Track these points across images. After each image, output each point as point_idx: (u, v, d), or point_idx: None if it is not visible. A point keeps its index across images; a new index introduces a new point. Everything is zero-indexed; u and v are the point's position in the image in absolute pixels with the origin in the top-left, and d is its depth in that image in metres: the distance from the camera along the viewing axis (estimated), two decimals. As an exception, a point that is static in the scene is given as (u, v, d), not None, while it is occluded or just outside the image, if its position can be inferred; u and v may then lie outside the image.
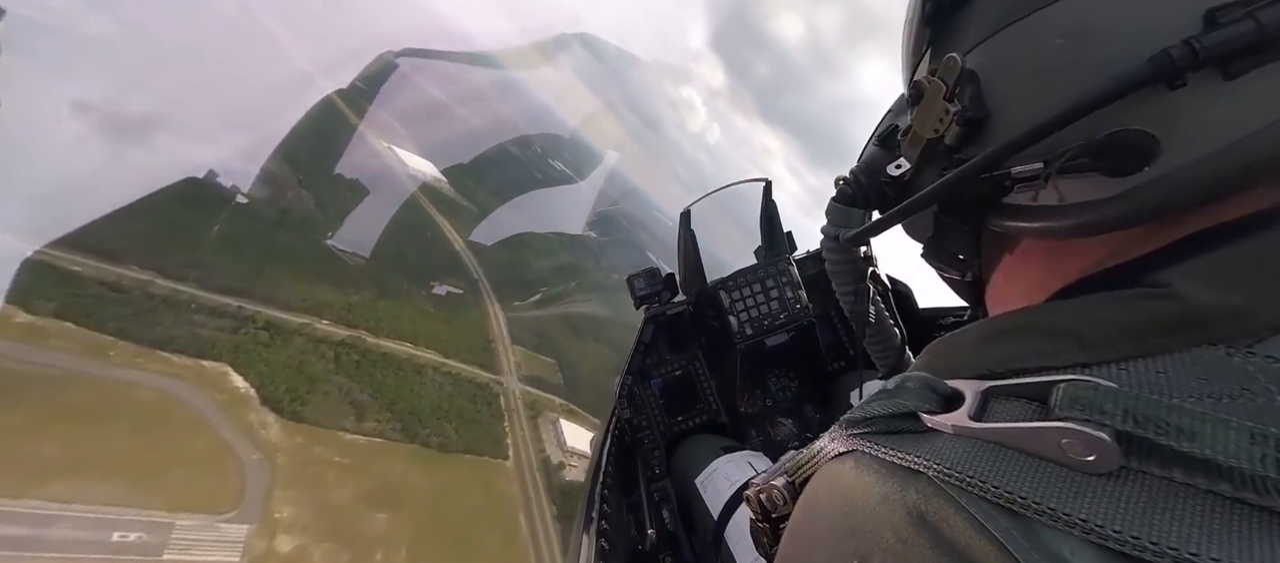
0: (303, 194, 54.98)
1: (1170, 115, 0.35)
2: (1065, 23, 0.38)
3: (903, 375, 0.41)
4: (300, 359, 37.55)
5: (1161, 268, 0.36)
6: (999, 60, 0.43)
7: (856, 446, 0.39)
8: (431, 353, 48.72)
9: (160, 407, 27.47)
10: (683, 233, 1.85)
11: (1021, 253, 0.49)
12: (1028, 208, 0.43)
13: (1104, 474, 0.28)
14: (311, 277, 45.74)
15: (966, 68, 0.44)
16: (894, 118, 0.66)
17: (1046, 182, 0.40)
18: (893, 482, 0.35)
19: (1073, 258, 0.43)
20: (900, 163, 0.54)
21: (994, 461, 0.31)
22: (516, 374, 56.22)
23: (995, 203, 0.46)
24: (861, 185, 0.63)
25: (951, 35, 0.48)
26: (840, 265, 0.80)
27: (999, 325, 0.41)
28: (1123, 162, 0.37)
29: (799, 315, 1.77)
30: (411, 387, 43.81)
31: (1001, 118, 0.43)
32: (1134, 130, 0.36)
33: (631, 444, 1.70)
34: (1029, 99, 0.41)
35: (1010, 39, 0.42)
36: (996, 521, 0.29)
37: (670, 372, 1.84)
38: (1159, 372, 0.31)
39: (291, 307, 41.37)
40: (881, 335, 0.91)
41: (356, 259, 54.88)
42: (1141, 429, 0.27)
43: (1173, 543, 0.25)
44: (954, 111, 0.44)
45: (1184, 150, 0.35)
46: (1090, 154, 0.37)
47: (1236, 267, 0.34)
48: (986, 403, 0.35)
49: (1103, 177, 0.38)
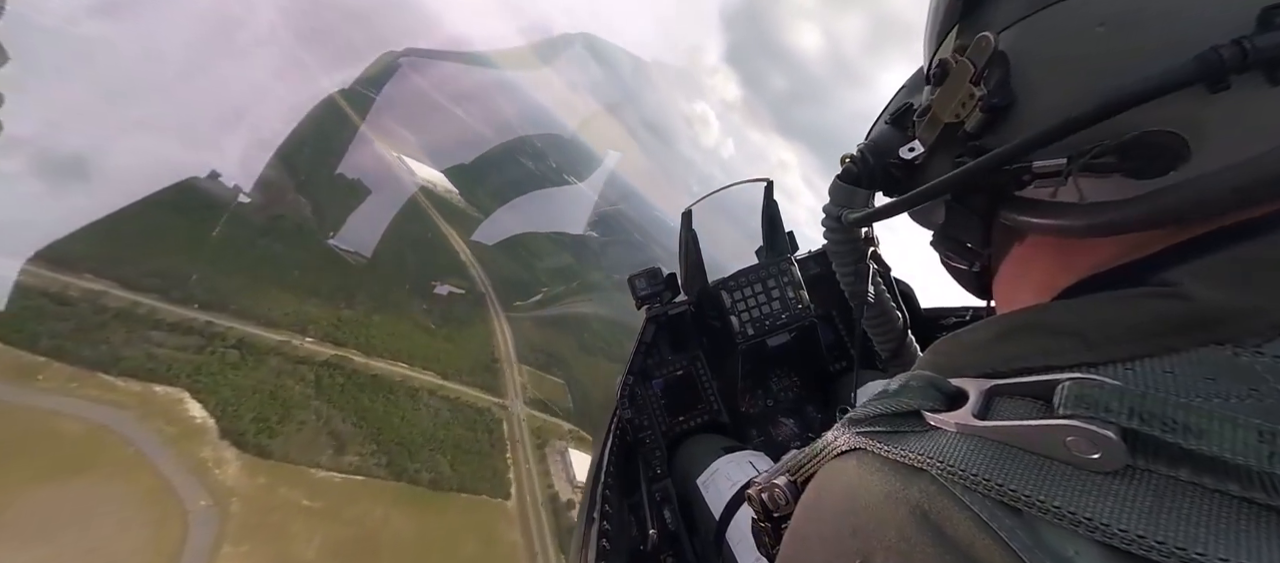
0: (299, 200, 51.43)
1: (1205, 119, 0.34)
2: (1109, 10, 0.36)
3: (906, 375, 0.41)
4: (274, 383, 33.01)
5: (1169, 267, 0.35)
6: (1034, 44, 0.41)
7: (859, 444, 0.39)
8: (428, 374, 44.08)
9: (90, 442, 23.01)
10: (684, 233, 1.82)
11: (1032, 246, 0.48)
12: (1044, 204, 0.42)
13: (1110, 473, 0.28)
14: (301, 289, 41.60)
15: (998, 49, 0.41)
16: (908, 95, 0.63)
17: (1067, 179, 0.38)
18: (896, 480, 0.34)
19: (1083, 254, 0.42)
20: (914, 145, 0.52)
21: (998, 459, 0.31)
22: (522, 397, 51.14)
23: (1010, 195, 0.44)
24: (868, 165, 0.60)
25: (985, 12, 0.45)
26: (841, 246, 0.79)
27: (1003, 325, 0.41)
28: (1150, 164, 0.35)
29: (800, 315, 1.76)
30: (403, 413, 39.06)
31: (1029, 107, 0.41)
32: (1165, 131, 0.34)
33: (633, 444, 1.69)
34: (1061, 89, 0.39)
35: (1049, 22, 0.39)
36: (1000, 519, 0.29)
37: (672, 372, 1.83)
38: (1166, 371, 0.30)
39: (272, 322, 37.03)
40: (882, 317, 0.87)
41: (358, 259, 51.49)
42: (1148, 427, 0.27)
43: (1180, 542, 0.24)
44: (979, 96, 0.42)
45: (1215, 157, 0.34)
46: (1116, 153, 0.36)
47: (1243, 267, 0.33)
48: (991, 401, 0.35)
49: (1125, 178, 0.36)
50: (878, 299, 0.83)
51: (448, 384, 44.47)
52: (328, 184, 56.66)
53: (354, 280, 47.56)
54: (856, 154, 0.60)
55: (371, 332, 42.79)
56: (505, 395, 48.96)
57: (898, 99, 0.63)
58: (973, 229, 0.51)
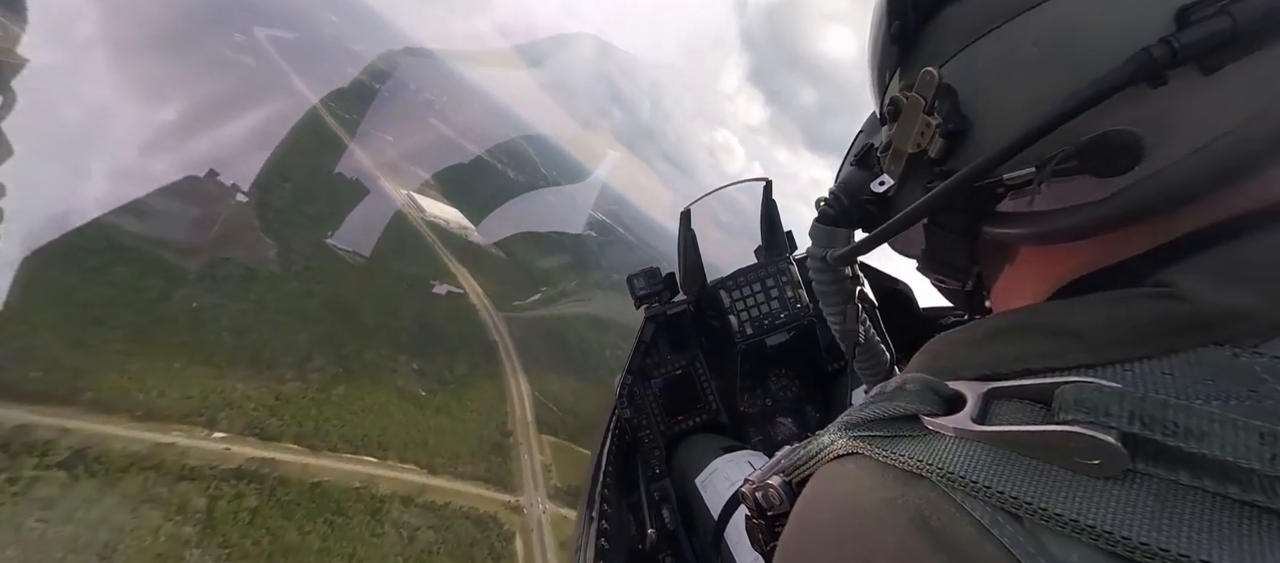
0: (264, 240, 40.13)
1: (1155, 114, 0.35)
2: (1038, 30, 0.38)
3: (902, 377, 0.41)
4: (126, 521, 20.35)
5: (1163, 266, 0.36)
6: (976, 70, 0.43)
7: (857, 448, 0.39)
8: (409, 470, 30.60)
9: None
10: (683, 232, 1.84)
11: (1020, 257, 0.49)
12: (1020, 214, 0.43)
13: (1110, 478, 0.28)
14: (226, 357, 29.36)
15: (943, 82, 0.44)
16: (868, 137, 0.66)
17: (1038, 186, 0.40)
18: (895, 486, 0.34)
19: (1071, 257, 0.43)
20: (883, 179, 0.54)
21: (998, 464, 0.31)
22: (545, 489, 36.55)
23: (987, 211, 0.46)
24: (843, 205, 0.61)
25: (921, 51, 0.48)
26: (828, 286, 0.81)
27: (999, 324, 0.41)
28: (1111, 162, 0.37)
29: (799, 315, 1.79)
30: (357, 544, 25.59)
31: (986, 126, 0.43)
32: (1120, 130, 0.36)
33: (632, 444, 1.73)
34: (1012, 107, 0.41)
35: (985, 49, 0.42)
36: (1002, 526, 0.28)
37: (670, 371, 1.86)
38: (1166, 373, 0.30)
39: (155, 413, 24.73)
40: (870, 356, 0.93)
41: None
42: (1149, 431, 0.27)
43: (1183, 549, 0.24)
44: (936, 124, 0.44)
45: (1170, 149, 0.35)
46: (1078, 157, 0.37)
47: (1238, 266, 0.34)
48: (989, 405, 0.35)
49: (1093, 178, 0.38)
50: (867, 340, 0.87)
51: (435, 481, 30.66)
52: (302, 220, 45.39)
53: (319, 334, 35.08)
54: (830, 196, 0.62)
55: (325, 413, 29.98)
56: (519, 489, 34.73)
57: (858, 141, 0.66)
58: (955, 250, 0.53)
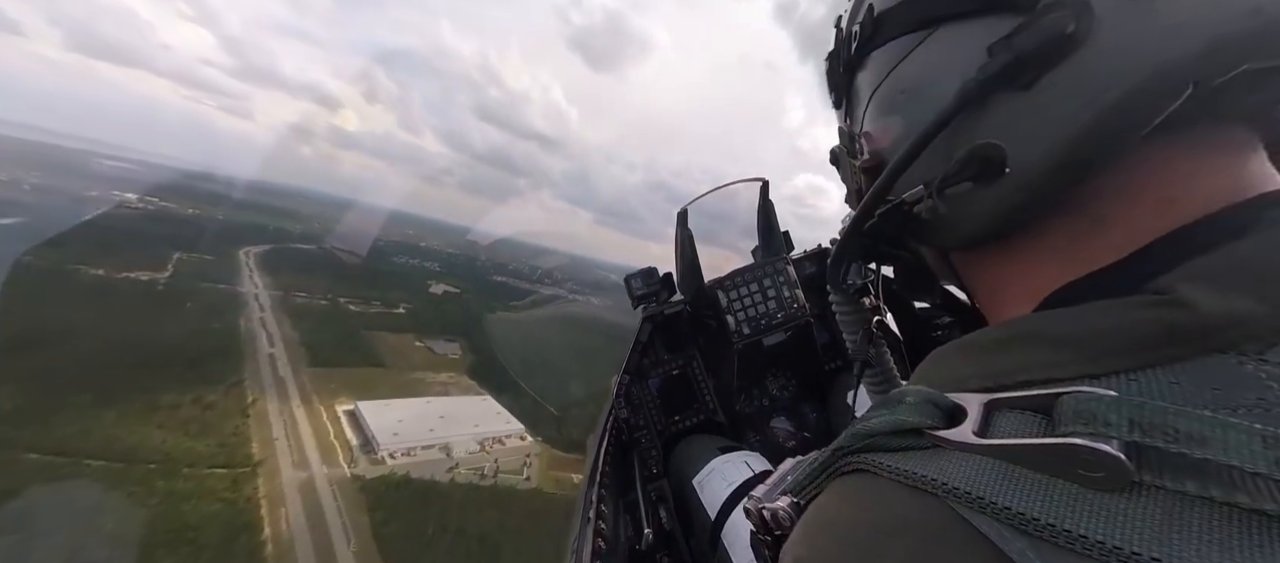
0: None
1: (1004, 125, 0.41)
2: (903, 81, 0.49)
3: (902, 390, 0.42)
4: None
5: (1162, 271, 0.36)
6: (876, 116, 0.54)
7: (862, 465, 0.39)
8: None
9: None
10: (680, 233, 1.85)
11: (987, 265, 0.52)
12: (933, 226, 0.50)
13: (1116, 491, 0.28)
14: None
15: (860, 130, 0.56)
16: None
17: (934, 199, 0.45)
18: (901, 502, 0.34)
19: (1041, 264, 0.45)
20: (846, 217, 0.62)
21: (1003, 479, 0.31)
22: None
23: (913, 229, 0.53)
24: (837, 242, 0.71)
25: (853, 109, 0.59)
26: (848, 316, 0.88)
27: (999, 334, 0.41)
28: (985, 172, 0.42)
29: (796, 315, 1.78)
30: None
31: (888, 160, 0.50)
32: (983, 143, 0.41)
33: (628, 444, 1.76)
34: (897, 142, 0.50)
35: (878, 100, 0.53)
36: (1011, 542, 0.28)
37: (667, 371, 1.88)
38: (1172, 381, 0.30)
39: None
40: (881, 377, 0.98)
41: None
42: (1150, 438, 0.27)
43: (1193, 562, 0.24)
44: (859, 164, 0.55)
45: (1025, 152, 0.40)
46: (960, 170, 0.43)
47: (1238, 271, 0.34)
48: (990, 416, 0.35)
49: (977, 187, 0.43)
50: (881, 362, 0.93)
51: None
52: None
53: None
54: (837, 236, 0.69)
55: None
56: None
57: None
58: (915, 271, 0.63)
